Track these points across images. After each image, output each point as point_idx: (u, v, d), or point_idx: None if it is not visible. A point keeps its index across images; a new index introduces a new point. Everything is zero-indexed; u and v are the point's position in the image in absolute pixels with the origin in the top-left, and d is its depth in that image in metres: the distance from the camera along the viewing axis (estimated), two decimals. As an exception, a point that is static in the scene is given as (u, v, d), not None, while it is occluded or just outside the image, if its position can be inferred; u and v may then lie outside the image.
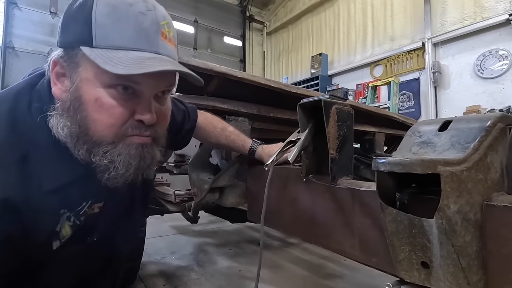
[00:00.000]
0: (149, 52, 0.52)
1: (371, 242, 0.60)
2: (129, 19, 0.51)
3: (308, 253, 2.34)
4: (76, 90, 0.52)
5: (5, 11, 4.26)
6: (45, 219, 0.55)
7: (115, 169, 0.55)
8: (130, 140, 0.56)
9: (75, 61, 0.52)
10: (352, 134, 0.76)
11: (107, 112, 0.52)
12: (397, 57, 4.60)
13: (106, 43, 0.50)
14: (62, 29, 0.54)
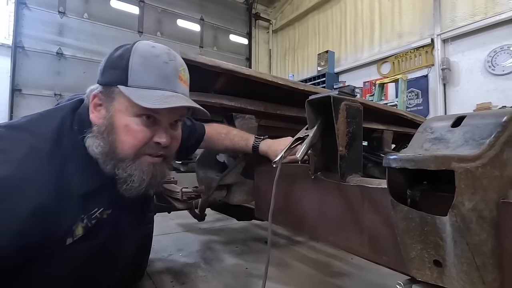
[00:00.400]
0: (169, 91, 0.68)
1: (381, 240, 0.59)
2: (155, 67, 0.68)
3: (315, 251, 2.33)
4: (110, 117, 0.68)
5: (15, 11, 4.32)
6: (68, 218, 0.65)
7: (132, 182, 0.68)
8: (145, 159, 0.70)
9: (112, 96, 0.68)
10: (362, 131, 0.75)
11: (132, 136, 0.67)
12: (405, 54, 4.53)
13: (137, 83, 0.66)
14: (103, 72, 0.70)
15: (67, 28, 4.72)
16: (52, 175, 0.62)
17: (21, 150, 0.61)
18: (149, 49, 0.69)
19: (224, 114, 1.20)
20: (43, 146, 0.63)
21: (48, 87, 4.51)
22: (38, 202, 0.58)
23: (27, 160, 0.60)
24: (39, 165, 0.61)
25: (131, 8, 5.37)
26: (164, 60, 0.69)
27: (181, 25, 5.98)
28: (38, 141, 0.64)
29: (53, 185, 0.61)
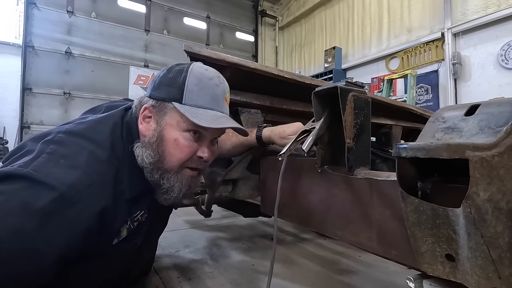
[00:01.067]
0: (218, 111, 0.75)
1: (390, 234, 0.58)
2: (208, 89, 0.75)
3: (322, 249, 2.30)
4: (161, 131, 0.73)
5: (25, 11, 4.39)
6: (118, 220, 0.71)
7: (172, 192, 0.75)
8: (186, 172, 0.76)
9: (164, 110, 0.74)
10: (370, 122, 0.72)
11: (180, 149, 0.73)
12: (414, 49, 4.44)
13: (191, 102, 0.73)
14: (157, 87, 0.76)
15: (75, 27, 4.78)
16: (111, 180, 0.68)
17: (84, 156, 0.66)
18: (203, 72, 0.77)
19: (230, 108, 1.19)
20: (102, 152, 0.69)
21: (57, 86, 4.58)
22: (102, 206, 0.64)
23: (90, 166, 0.65)
24: (101, 170, 0.66)
25: (138, 6, 5.40)
26: (215, 82, 0.76)
27: (187, 23, 5.99)
28: (96, 148, 0.69)
29: (112, 189, 0.68)
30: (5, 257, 0.54)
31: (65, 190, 0.59)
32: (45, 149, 0.65)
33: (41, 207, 0.57)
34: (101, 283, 0.80)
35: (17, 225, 0.56)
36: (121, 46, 5.08)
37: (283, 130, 0.96)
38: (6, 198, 0.57)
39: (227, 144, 1.08)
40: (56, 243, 0.59)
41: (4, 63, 4.40)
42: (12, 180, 0.59)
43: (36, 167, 0.61)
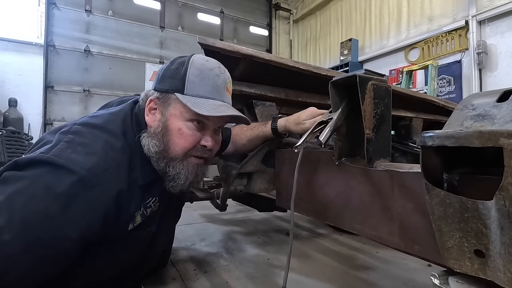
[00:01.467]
0: (219, 100, 0.77)
1: (413, 228, 0.55)
2: (209, 79, 0.77)
3: (338, 244, 2.27)
4: (165, 121, 0.76)
5: (46, 12, 4.53)
6: (133, 205, 0.74)
7: (178, 179, 0.77)
8: (191, 160, 0.78)
9: (168, 102, 0.77)
10: (390, 113, 0.69)
11: (184, 138, 0.76)
12: (435, 39, 4.25)
13: (193, 92, 0.75)
14: (161, 80, 0.79)
15: (93, 25, 4.89)
16: (125, 166, 0.72)
17: (99, 144, 0.70)
18: (204, 63, 0.78)
19: (244, 101, 1.18)
20: (115, 141, 0.73)
21: (77, 83, 4.72)
22: (118, 189, 0.68)
23: (106, 152, 0.69)
24: (115, 156, 0.70)
25: (153, 3, 5.45)
26: (216, 73, 0.78)
27: (201, 18, 6.00)
28: (110, 136, 0.73)
29: (126, 175, 0.71)
30: (33, 238, 0.58)
31: (84, 174, 0.63)
32: (63, 138, 0.69)
33: (64, 190, 0.61)
34: (118, 271, 0.82)
35: (42, 208, 0.59)
36: (137, 43, 5.16)
37: (297, 116, 0.97)
38: (30, 182, 0.61)
39: (242, 138, 1.07)
40: (78, 224, 0.62)
41: (27, 62, 4.58)
42: (34, 165, 0.63)
43: (56, 153, 0.64)
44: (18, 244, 0.57)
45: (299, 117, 0.96)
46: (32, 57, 4.58)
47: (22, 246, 0.57)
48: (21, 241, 0.57)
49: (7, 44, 4.44)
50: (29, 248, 0.58)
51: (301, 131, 0.92)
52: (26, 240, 0.58)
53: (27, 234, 0.58)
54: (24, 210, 0.58)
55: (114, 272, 0.81)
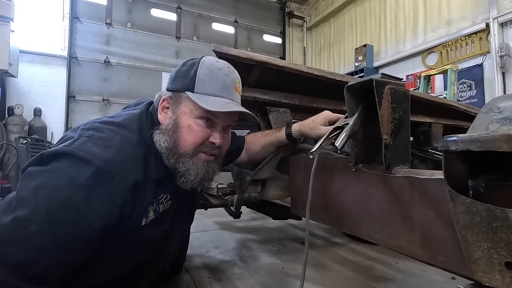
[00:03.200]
0: (227, 99, 0.79)
1: (435, 238, 0.52)
2: (218, 78, 0.79)
3: (355, 254, 2.20)
4: (176, 118, 0.79)
5: (69, 26, 4.77)
6: (147, 198, 0.77)
7: (189, 175, 0.79)
8: (200, 156, 0.80)
9: (179, 100, 0.80)
10: (409, 117, 0.67)
11: (193, 134, 0.78)
12: (454, 43, 4.13)
13: (202, 91, 0.77)
14: (173, 80, 0.82)
15: (113, 37, 5.08)
16: (141, 159, 0.75)
17: (117, 138, 0.74)
18: (214, 63, 0.81)
19: (258, 108, 1.18)
20: (132, 136, 0.77)
21: (97, 93, 4.90)
22: (135, 179, 0.71)
23: (123, 146, 0.73)
24: (132, 150, 0.74)
25: (170, 15, 5.62)
26: (225, 72, 0.81)
27: (216, 28, 6.12)
28: (127, 132, 0.77)
29: (142, 168, 0.75)
30: (58, 228, 0.62)
31: (102, 165, 0.67)
32: (84, 133, 0.74)
33: (84, 181, 0.65)
34: (130, 269, 0.83)
35: (65, 198, 0.63)
36: (154, 53, 5.31)
37: (312, 121, 0.97)
38: (53, 175, 0.65)
39: (256, 145, 1.07)
40: (100, 213, 0.66)
41: (52, 74, 4.80)
42: (57, 157, 0.67)
43: (77, 146, 0.69)
44: (45, 234, 0.60)
45: (314, 121, 0.96)
46: (56, 69, 4.79)
47: (49, 236, 0.61)
48: (48, 231, 0.61)
49: (33, 57, 4.68)
50: (55, 238, 0.61)
51: (316, 136, 0.91)
52: (52, 230, 0.61)
53: (52, 225, 0.61)
54: (48, 201, 0.62)
55: (126, 269, 0.82)
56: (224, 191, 1.28)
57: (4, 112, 4.32)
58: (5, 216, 0.61)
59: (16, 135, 4.02)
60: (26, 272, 0.59)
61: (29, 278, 0.59)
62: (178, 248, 1.09)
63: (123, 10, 5.21)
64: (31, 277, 0.59)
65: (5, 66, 3.80)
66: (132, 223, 0.75)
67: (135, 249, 0.80)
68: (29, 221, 0.60)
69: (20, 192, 0.65)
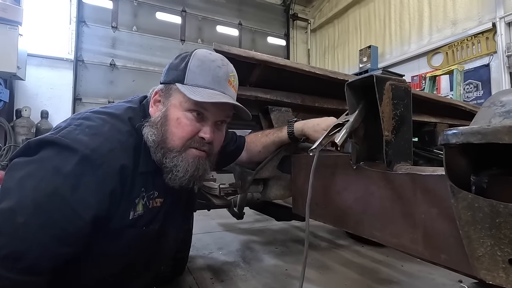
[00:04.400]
0: (218, 91, 0.75)
1: (438, 235, 0.51)
2: (210, 70, 0.76)
3: (360, 256, 2.18)
4: (165, 111, 0.76)
5: (76, 29, 4.84)
6: (135, 188, 0.75)
7: (177, 171, 0.75)
8: (191, 151, 0.76)
9: (170, 92, 0.77)
10: (411, 114, 0.66)
11: (182, 128, 0.75)
12: (460, 43, 4.09)
13: (192, 82, 0.74)
14: (166, 73, 0.80)
15: (119, 41, 5.15)
16: (130, 149, 0.74)
17: (106, 127, 0.72)
18: (206, 55, 0.79)
19: (260, 107, 1.18)
20: (122, 125, 0.75)
21: (103, 96, 4.96)
22: (122, 164, 0.69)
23: (112, 134, 0.71)
24: (121, 139, 0.72)
25: (174, 18, 5.68)
26: (217, 64, 0.77)
27: (220, 31, 6.16)
28: (117, 121, 0.76)
29: (132, 157, 0.73)
30: (46, 219, 0.61)
31: (89, 153, 0.65)
32: (73, 122, 0.72)
33: (71, 169, 0.63)
34: (120, 269, 0.80)
35: (52, 189, 0.62)
36: (159, 56, 5.36)
37: (317, 124, 0.94)
38: (39, 165, 0.64)
39: (257, 145, 1.06)
40: (89, 202, 0.64)
41: (59, 77, 4.87)
42: (44, 146, 0.66)
43: (63, 134, 0.67)
44: (32, 225, 0.59)
45: (319, 125, 0.94)
46: (63, 72, 4.86)
47: (36, 227, 0.59)
48: (35, 222, 0.60)
49: (41, 60, 4.75)
50: (43, 229, 0.60)
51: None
52: (39, 221, 0.60)
53: (40, 216, 0.60)
54: (35, 192, 0.61)
55: (115, 270, 0.79)
56: (226, 191, 1.28)
57: (12, 114, 4.39)
58: None
59: (23, 137, 4.08)
60: (16, 264, 0.58)
61: (20, 270, 0.58)
62: (174, 250, 1.06)
63: (129, 14, 5.28)
64: (22, 269, 0.58)
65: (13, 69, 3.87)
66: (119, 216, 0.72)
67: (123, 249, 0.77)
68: (15, 212, 0.59)
69: (5, 183, 0.64)
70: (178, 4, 5.70)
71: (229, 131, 1.09)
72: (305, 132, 0.96)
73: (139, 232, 0.78)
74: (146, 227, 0.80)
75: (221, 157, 1.06)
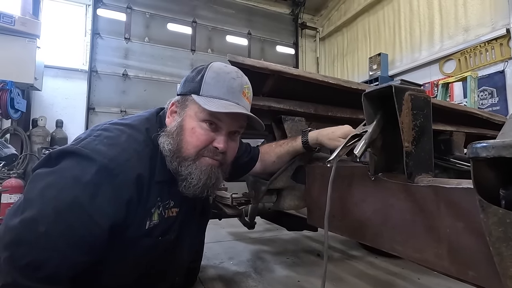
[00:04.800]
0: (232, 102, 0.77)
1: (465, 251, 0.49)
2: (225, 81, 0.78)
3: (374, 268, 2.12)
4: (181, 121, 0.79)
5: (91, 41, 5.00)
6: (151, 198, 0.76)
7: (191, 179, 0.76)
8: (204, 160, 0.78)
9: (186, 103, 0.80)
10: (431, 124, 0.65)
11: (196, 137, 0.77)
12: (473, 49, 4.03)
13: (207, 93, 0.77)
14: (183, 85, 0.83)
15: (131, 51, 5.28)
16: (146, 158, 0.75)
17: (123, 137, 0.75)
18: (222, 67, 0.81)
19: (273, 117, 1.18)
20: (139, 135, 0.78)
21: (115, 105, 5.06)
22: (138, 173, 0.71)
23: (129, 144, 0.74)
24: (138, 149, 0.75)
25: (185, 29, 5.80)
26: (232, 76, 0.79)
27: (229, 40, 6.25)
28: (134, 132, 0.78)
29: (148, 166, 0.75)
30: (66, 227, 0.62)
31: (106, 162, 0.67)
32: (93, 133, 0.75)
33: (90, 179, 0.65)
34: (134, 279, 0.81)
35: (72, 198, 0.63)
36: (170, 66, 5.46)
37: (332, 132, 0.94)
38: (59, 175, 0.66)
39: (271, 155, 1.06)
40: (106, 211, 0.66)
41: (74, 87, 5.02)
42: (64, 157, 0.68)
43: (83, 144, 0.70)
44: (53, 234, 0.61)
45: (334, 133, 0.93)
46: (78, 82, 5.00)
47: (57, 236, 0.61)
48: (56, 231, 0.61)
49: (57, 72, 4.91)
50: (64, 238, 0.61)
51: (334, 147, 0.88)
52: (60, 230, 0.61)
53: (60, 225, 0.62)
54: (55, 201, 0.62)
55: (129, 279, 0.80)
56: (238, 201, 1.27)
57: (29, 123, 4.53)
58: (14, 219, 0.62)
59: (39, 146, 4.18)
60: (36, 273, 0.59)
61: (40, 279, 0.59)
62: (188, 260, 1.06)
63: (141, 25, 5.42)
64: (42, 278, 0.59)
65: (31, 80, 4.00)
66: (136, 225, 0.73)
67: (139, 258, 0.77)
68: (37, 222, 0.60)
69: (27, 194, 0.66)
70: (188, 15, 5.82)
71: (243, 142, 1.09)
72: (320, 141, 0.96)
73: (155, 242, 0.79)
74: (162, 237, 0.80)
75: (235, 168, 1.06)
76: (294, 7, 7.02)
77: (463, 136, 1.64)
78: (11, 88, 3.79)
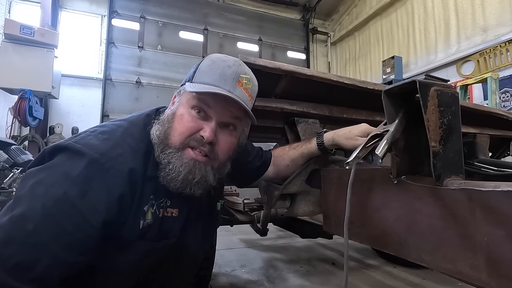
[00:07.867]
0: (223, 89, 0.71)
1: (507, 262, 0.43)
2: (218, 69, 0.74)
3: (392, 278, 2.03)
4: (174, 109, 0.76)
5: (106, 50, 5.14)
6: (145, 194, 0.72)
7: (169, 170, 0.71)
8: (187, 151, 0.72)
9: (181, 92, 0.77)
10: (460, 122, 0.60)
11: (183, 123, 0.73)
12: (493, 50, 3.88)
13: (199, 80, 0.73)
14: (186, 77, 0.80)
15: (144, 59, 5.39)
16: (141, 153, 0.72)
17: (118, 132, 0.72)
18: (220, 56, 0.78)
19: (285, 119, 1.14)
20: (134, 130, 0.75)
21: (128, 112, 5.08)
22: (130, 167, 0.68)
23: (124, 139, 0.71)
24: (132, 143, 0.72)
25: (197, 36, 5.88)
26: (228, 64, 0.75)
27: (240, 47, 6.30)
28: (130, 127, 0.76)
29: (142, 161, 0.72)
30: (55, 225, 0.59)
31: (97, 156, 0.64)
32: (90, 129, 0.74)
33: (79, 173, 0.62)
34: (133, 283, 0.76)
35: (61, 194, 0.60)
36: (182, 73, 5.53)
37: (348, 131, 0.89)
38: (50, 171, 0.63)
39: (285, 159, 1.02)
40: (97, 208, 0.63)
41: (89, 95, 5.15)
42: (56, 153, 0.66)
43: (76, 139, 0.68)
44: (42, 232, 0.57)
45: (351, 132, 0.88)
46: (93, 90, 5.14)
47: (46, 234, 0.58)
48: (45, 229, 0.58)
49: (73, 80, 5.06)
50: (53, 236, 0.58)
51: (352, 147, 0.83)
52: (49, 227, 0.58)
53: (50, 222, 0.58)
54: (44, 198, 0.59)
55: (128, 283, 0.75)
56: (251, 207, 1.23)
57: (46, 131, 4.66)
58: (3, 217, 0.59)
59: (55, 152, 4.29)
60: (27, 274, 0.55)
61: (31, 281, 0.55)
62: (194, 270, 1.00)
63: (154, 34, 5.53)
64: (33, 280, 0.56)
65: (48, 89, 4.13)
66: (131, 223, 0.69)
67: (135, 263, 0.73)
68: (25, 219, 0.58)
69: (18, 192, 0.63)
70: (200, 23, 5.91)
71: (255, 146, 1.05)
72: (336, 141, 0.91)
73: (151, 246, 0.74)
74: (159, 240, 0.75)
75: (247, 174, 1.01)
76: (304, 13, 7.02)
77: (487, 138, 1.55)
78: (30, 97, 3.92)
